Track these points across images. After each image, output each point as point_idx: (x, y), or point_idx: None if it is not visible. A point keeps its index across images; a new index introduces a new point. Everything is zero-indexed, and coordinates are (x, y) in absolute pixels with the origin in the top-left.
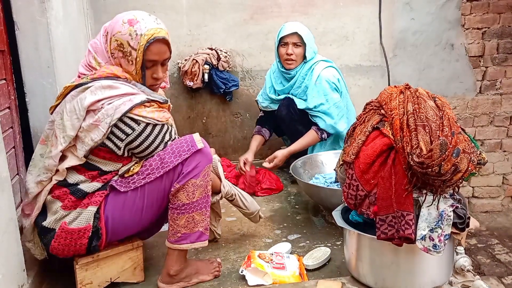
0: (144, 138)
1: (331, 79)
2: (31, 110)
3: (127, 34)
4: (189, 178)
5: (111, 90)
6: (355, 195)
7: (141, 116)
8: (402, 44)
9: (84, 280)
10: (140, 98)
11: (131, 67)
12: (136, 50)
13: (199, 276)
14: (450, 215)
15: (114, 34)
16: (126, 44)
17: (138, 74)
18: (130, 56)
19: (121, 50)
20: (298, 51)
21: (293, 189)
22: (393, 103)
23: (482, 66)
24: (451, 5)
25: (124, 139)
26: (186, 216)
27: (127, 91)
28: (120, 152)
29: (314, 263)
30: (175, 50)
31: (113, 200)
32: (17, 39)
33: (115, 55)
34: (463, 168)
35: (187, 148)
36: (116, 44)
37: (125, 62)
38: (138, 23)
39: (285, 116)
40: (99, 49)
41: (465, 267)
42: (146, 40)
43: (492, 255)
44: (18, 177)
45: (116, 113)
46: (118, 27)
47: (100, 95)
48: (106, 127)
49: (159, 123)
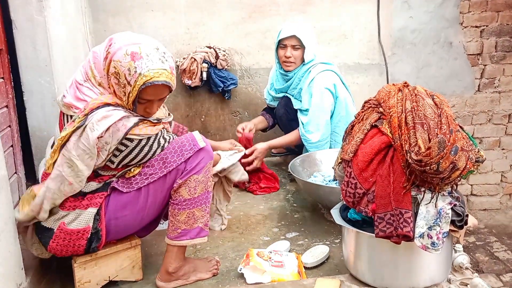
0: (137, 152)
1: (326, 86)
2: (29, 109)
3: (126, 68)
4: (192, 174)
5: (107, 119)
6: (354, 193)
7: (135, 135)
8: (401, 42)
9: (83, 279)
10: (133, 120)
11: (123, 97)
12: (131, 86)
13: (197, 274)
14: (448, 213)
15: (114, 60)
16: (122, 76)
17: (129, 105)
18: (124, 88)
19: (117, 78)
20: (297, 53)
21: (292, 187)
22: (392, 101)
23: (480, 64)
24: (449, 3)
25: (118, 155)
26: (187, 212)
27: (120, 116)
28: (114, 166)
29: (312, 261)
30: (173, 49)
31: (115, 201)
32: (15, 38)
33: (111, 79)
34: (461, 166)
35: (189, 147)
36: (114, 70)
37: (118, 89)
38: (141, 59)
39: (282, 115)
40: (98, 62)
41: (464, 264)
42: (143, 82)
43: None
44: (16, 175)
45: (113, 140)
46: (120, 55)
47: (100, 130)
48: (106, 154)
49: (152, 135)
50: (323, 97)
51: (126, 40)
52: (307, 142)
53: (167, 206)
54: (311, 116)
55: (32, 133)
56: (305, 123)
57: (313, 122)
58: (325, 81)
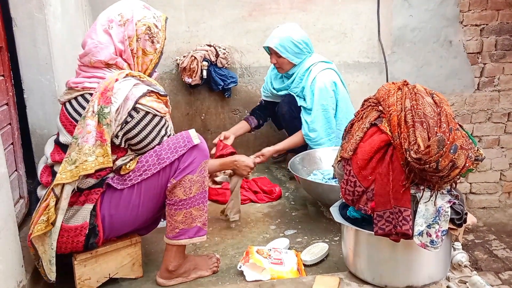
0: (142, 127)
1: (327, 85)
2: (29, 107)
3: (152, 17)
4: (186, 173)
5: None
6: (353, 191)
7: (141, 104)
8: (401, 41)
9: (83, 276)
10: (141, 90)
11: (156, 47)
12: (161, 30)
13: (197, 272)
14: (447, 211)
15: (139, 20)
16: (153, 27)
17: (158, 52)
18: (156, 37)
19: (149, 33)
20: (281, 60)
21: (291, 185)
22: (391, 99)
23: (480, 63)
24: (449, 2)
25: (123, 127)
26: (184, 212)
27: (132, 84)
28: (118, 141)
29: (312, 258)
30: (173, 47)
31: (110, 197)
32: (15, 36)
33: (141, 39)
34: (461, 164)
35: (183, 144)
36: (144, 28)
37: (150, 44)
38: (149, 7)
39: (286, 113)
40: (103, 46)
41: (463, 262)
42: (164, 20)
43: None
44: (16, 173)
45: (124, 110)
46: (141, 12)
47: (118, 101)
48: (116, 125)
49: (158, 114)
50: (325, 95)
51: (125, 5)
52: (311, 141)
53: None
54: (314, 114)
55: (32, 130)
56: (309, 121)
57: (317, 120)
58: (326, 80)
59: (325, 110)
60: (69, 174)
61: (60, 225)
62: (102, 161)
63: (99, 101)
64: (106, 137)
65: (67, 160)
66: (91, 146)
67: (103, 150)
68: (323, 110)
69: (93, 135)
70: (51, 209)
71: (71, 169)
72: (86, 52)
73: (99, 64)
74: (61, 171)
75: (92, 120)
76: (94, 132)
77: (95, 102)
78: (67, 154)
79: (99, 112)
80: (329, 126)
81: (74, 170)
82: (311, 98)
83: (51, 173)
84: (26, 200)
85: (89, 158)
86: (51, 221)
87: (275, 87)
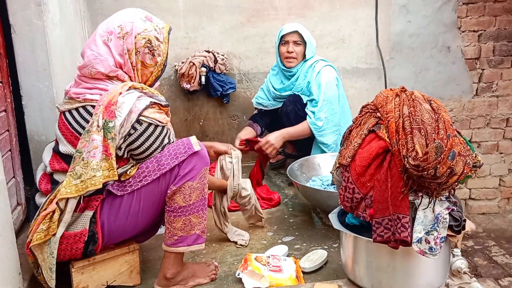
0: (145, 138)
1: (331, 79)
2: (28, 113)
3: (153, 30)
4: (186, 180)
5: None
6: (352, 197)
7: (144, 116)
8: (399, 47)
9: (80, 284)
10: (144, 103)
11: (157, 60)
12: (163, 43)
13: (195, 279)
14: (446, 218)
15: (139, 33)
16: (154, 40)
17: (160, 65)
18: (158, 49)
19: (149, 46)
20: (299, 49)
21: (290, 191)
22: (389, 106)
23: (478, 69)
24: (447, 8)
25: (127, 139)
26: (183, 219)
27: (136, 97)
28: (121, 153)
29: (310, 265)
30: (172, 53)
31: (110, 204)
32: (14, 42)
33: (140, 52)
34: (459, 171)
35: (184, 150)
36: (144, 41)
37: (150, 57)
38: (152, 18)
39: (291, 111)
40: (103, 58)
41: (462, 269)
42: (167, 31)
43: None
44: (14, 180)
45: (128, 123)
46: (141, 25)
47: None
48: (119, 137)
49: (160, 124)
50: (331, 88)
51: (126, 16)
52: (317, 129)
53: (164, 212)
54: (320, 105)
55: (30, 137)
56: (315, 111)
57: (322, 111)
58: (331, 75)
59: (330, 103)
60: (74, 189)
61: (60, 236)
62: (108, 175)
63: (103, 115)
64: (111, 151)
65: (72, 174)
66: (99, 161)
67: (109, 164)
68: (329, 102)
69: (100, 150)
70: (55, 222)
71: (76, 184)
72: (86, 63)
73: (99, 76)
74: (65, 185)
75: (98, 135)
76: (100, 147)
77: (99, 116)
78: (71, 168)
79: (104, 126)
80: (332, 119)
81: (79, 184)
82: (318, 90)
83: (49, 181)
84: (23, 207)
85: (97, 174)
86: (53, 233)
87: (277, 88)
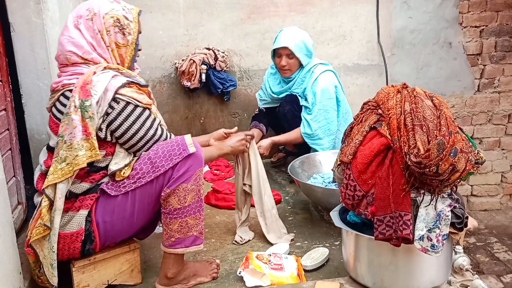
0: (124, 118)
1: (328, 86)
2: (28, 112)
3: (120, 10)
4: (180, 182)
5: (101, 82)
6: (353, 195)
7: (120, 94)
8: (400, 43)
9: (81, 283)
10: (120, 80)
11: (128, 39)
12: (132, 22)
13: (197, 278)
14: (448, 215)
15: (107, 13)
16: (123, 18)
17: (132, 44)
18: (128, 28)
19: (118, 25)
20: (292, 61)
21: (291, 189)
22: (390, 102)
23: (480, 64)
24: (448, 3)
25: (105, 119)
26: (179, 221)
27: (111, 76)
28: (102, 134)
29: (312, 263)
30: (172, 50)
31: (104, 203)
32: (13, 41)
33: (111, 32)
34: (461, 167)
35: (179, 152)
36: (112, 20)
37: (121, 36)
38: (120, 1)
39: (288, 112)
40: (75, 41)
41: (464, 266)
42: (137, 12)
43: (491, 253)
44: (14, 179)
45: (105, 101)
46: (108, 5)
47: (98, 93)
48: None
49: (140, 105)
50: (327, 96)
51: (92, 1)
52: (309, 138)
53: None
54: (315, 114)
55: (30, 136)
56: (309, 120)
57: (317, 120)
58: (328, 81)
59: (326, 111)
60: (60, 173)
61: (58, 227)
62: (91, 155)
63: (79, 95)
64: (90, 130)
65: (57, 159)
66: (80, 140)
67: (90, 144)
68: (324, 111)
69: (80, 129)
70: (43, 209)
71: (62, 167)
72: (60, 49)
73: (75, 59)
74: (52, 172)
75: (76, 115)
76: (80, 126)
77: (75, 97)
78: (55, 153)
79: (81, 106)
80: (328, 127)
81: (65, 167)
82: (313, 98)
83: None
84: (24, 206)
85: (79, 152)
86: (45, 221)
87: (274, 91)
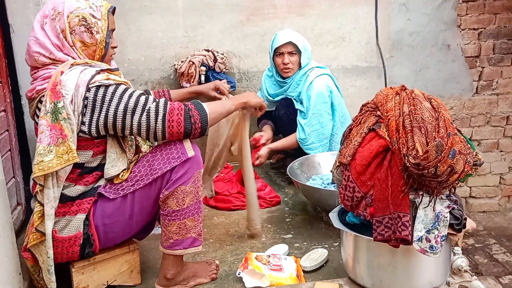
0: (100, 100)
1: (323, 90)
2: (27, 113)
3: (87, 8)
4: (178, 185)
5: (69, 81)
6: (352, 196)
7: (92, 83)
8: (399, 45)
9: (81, 284)
10: (90, 73)
11: (96, 37)
12: (100, 20)
13: (196, 279)
14: (446, 216)
15: (72, 11)
16: (89, 17)
17: (101, 43)
18: (95, 27)
19: (84, 24)
20: (294, 59)
21: (290, 190)
22: (389, 104)
23: (478, 67)
24: (447, 6)
25: (85, 113)
26: (178, 223)
27: (79, 72)
28: (86, 128)
29: (311, 264)
30: (171, 52)
31: (103, 207)
32: (12, 42)
33: (76, 31)
34: (459, 169)
35: (177, 155)
36: (77, 19)
37: (89, 35)
38: None
39: (283, 115)
40: (40, 41)
41: (463, 267)
42: (106, 9)
43: (489, 255)
44: (14, 180)
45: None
46: (73, 4)
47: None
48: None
49: (112, 83)
50: (321, 100)
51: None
52: (304, 144)
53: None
54: (309, 119)
55: (30, 137)
56: (303, 124)
57: (311, 125)
58: (323, 85)
59: (320, 115)
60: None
61: (51, 232)
62: (67, 158)
63: (50, 99)
64: (66, 132)
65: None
66: (46, 145)
67: (66, 147)
68: (318, 115)
69: (46, 134)
70: (35, 215)
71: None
72: (27, 51)
73: (44, 60)
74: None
75: (44, 120)
76: (47, 131)
77: (47, 101)
78: None
79: (54, 109)
80: (322, 131)
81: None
82: (308, 102)
83: None
84: (23, 207)
85: (45, 158)
86: (35, 226)
87: (270, 94)
